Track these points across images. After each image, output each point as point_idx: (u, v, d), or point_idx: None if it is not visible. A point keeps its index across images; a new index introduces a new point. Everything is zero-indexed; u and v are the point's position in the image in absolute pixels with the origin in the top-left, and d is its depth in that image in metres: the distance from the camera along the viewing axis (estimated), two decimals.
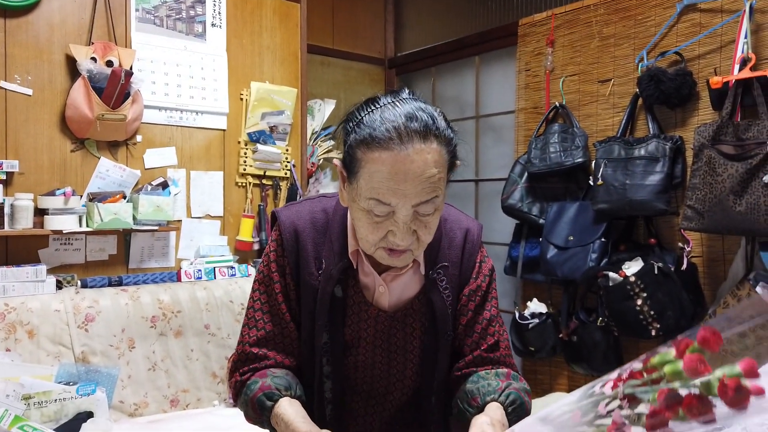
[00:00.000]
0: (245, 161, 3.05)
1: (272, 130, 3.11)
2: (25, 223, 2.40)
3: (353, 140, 0.99)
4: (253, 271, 2.96)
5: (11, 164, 2.44)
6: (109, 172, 2.68)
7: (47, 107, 2.55)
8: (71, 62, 2.56)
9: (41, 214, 2.47)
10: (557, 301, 2.96)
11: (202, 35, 2.95)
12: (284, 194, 3.17)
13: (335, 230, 1.14)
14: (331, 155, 3.60)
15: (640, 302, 2.45)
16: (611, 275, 2.54)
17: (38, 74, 2.53)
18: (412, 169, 0.94)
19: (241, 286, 2.78)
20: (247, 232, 3.02)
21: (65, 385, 2.20)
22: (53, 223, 2.45)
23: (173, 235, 2.86)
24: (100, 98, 2.50)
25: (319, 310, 1.12)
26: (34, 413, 2.08)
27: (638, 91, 2.60)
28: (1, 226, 2.37)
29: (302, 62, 3.27)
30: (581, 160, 2.78)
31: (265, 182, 3.12)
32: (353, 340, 1.16)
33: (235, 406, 1.18)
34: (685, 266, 2.47)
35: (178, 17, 2.88)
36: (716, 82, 2.28)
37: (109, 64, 2.56)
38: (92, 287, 2.55)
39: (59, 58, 2.57)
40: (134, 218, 2.63)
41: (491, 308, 1.19)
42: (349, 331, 1.15)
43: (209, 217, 2.98)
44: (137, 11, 2.76)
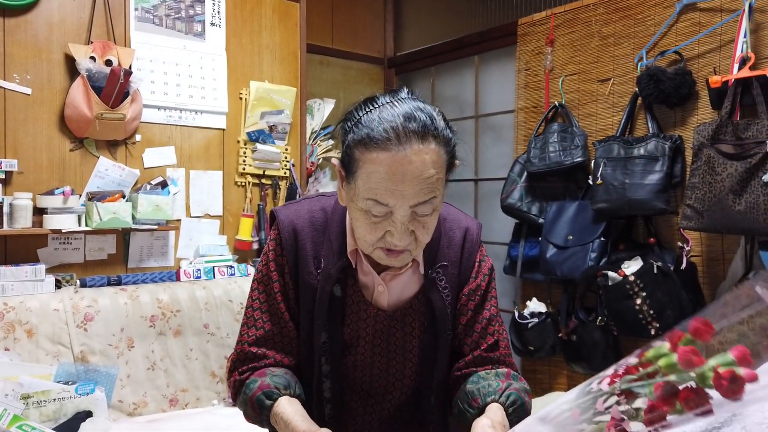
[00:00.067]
0: (244, 161, 3.05)
1: (271, 129, 3.10)
2: (24, 222, 2.40)
3: (351, 140, 0.98)
4: (252, 270, 2.96)
5: (10, 163, 2.44)
6: (108, 171, 2.68)
7: (46, 106, 2.55)
8: (70, 61, 2.55)
9: (40, 213, 2.47)
10: (556, 300, 2.96)
11: (201, 34, 2.95)
12: (283, 194, 3.17)
13: (334, 229, 1.14)
14: (330, 155, 3.59)
15: (639, 301, 2.44)
16: (610, 274, 2.54)
17: (37, 73, 2.52)
18: (410, 170, 0.93)
19: (240, 285, 2.78)
20: (246, 231, 3.02)
21: (64, 384, 2.20)
22: (52, 222, 2.45)
23: (172, 234, 2.86)
24: (99, 97, 2.50)
25: (317, 309, 1.12)
26: (32, 412, 2.08)
27: (638, 90, 2.60)
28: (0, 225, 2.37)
29: (301, 61, 3.27)
30: (580, 159, 2.78)
31: (264, 182, 3.12)
32: (352, 339, 1.16)
33: (234, 405, 1.18)
34: (684, 265, 2.47)
35: (177, 16, 2.88)
36: (715, 81, 2.27)
37: (108, 63, 2.56)
38: (91, 286, 2.55)
39: (58, 57, 2.56)
40: (133, 217, 2.63)
41: (491, 307, 1.19)
42: (347, 330, 1.15)
43: (208, 216, 2.97)
44: (136, 10, 2.76)
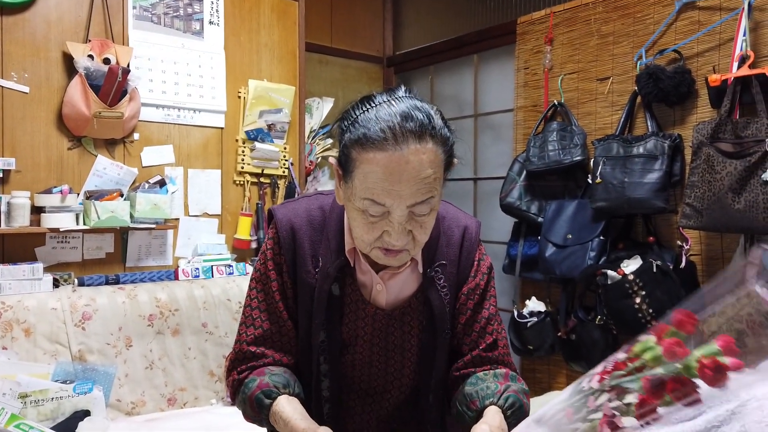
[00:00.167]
0: (243, 159, 3.04)
1: (270, 128, 3.10)
2: (21, 221, 2.40)
3: (348, 139, 0.98)
4: (250, 269, 2.95)
5: (8, 162, 2.44)
6: (106, 170, 2.67)
7: (44, 105, 2.54)
8: (68, 60, 2.55)
9: (38, 212, 2.47)
10: (556, 299, 2.96)
11: (199, 33, 2.94)
12: (282, 192, 3.17)
13: (332, 228, 1.13)
14: (329, 154, 3.59)
15: (638, 300, 2.44)
16: (610, 273, 2.54)
17: (35, 72, 2.52)
18: (407, 170, 0.93)
19: (238, 284, 2.77)
20: (244, 230, 3.01)
21: (62, 383, 2.19)
22: (50, 221, 2.45)
23: (171, 233, 2.86)
24: (97, 96, 2.49)
25: (316, 308, 1.12)
26: (30, 412, 2.07)
27: (637, 89, 2.60)
28: None
29: (300, 60, 3.27)
30: (580, 158, 2.77)
31: (263, 180, 3.11)
32: (350, 338, 1.15)
33: (232, 404, 1.18)
34: (683, 264, 2.47)
35: (175, 15, 2.87)
36: (715, 79, 2.27)
37: (106, 61, 2.55)
38: (89, 285, 2.54)
39: (56, 55, 2.56)
40: (131, 216, 2.62)
41: (490, 307, 1.18)
42: (346, 329, 1.15)
43: (207, 215, 2.97)
44: (134, 9, 2.75)
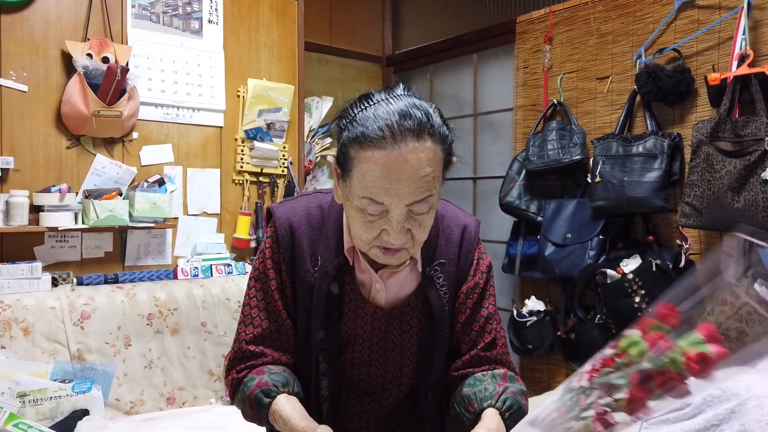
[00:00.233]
0: (242, 158, 3.04)
1: (269, 127, 3.09)
2: (20, 220, 2.39)
3: (346, 138, 0.97)
4: (250, 268, 2.94)
5: (6, 161, 2.43)
6: (105, 169, 2.67)
7: (43, 104, 2.53)
8: (67, 58, 2.54)
9: (37, 211, 2.46)
10: (555, 298, 2.96)
11: (198, 32, 2.93)
12: (281, 191, 3.16)
13: (331, 227, 1.13)
14: (328, 153, 3.59)
15: (638, 299, 2.44)
16: (609, 272, 2.54)
17: (34, 70, 2.51)
18: (405, 168, 0.92)
19: (238, 283, 2.77)
20: (244, 229, 3.01)
21: (61, 382, 2.19)
22: (49, 220, 2.44)
23: (170, 232, 2.85)
24: (95, 95, 2.49)
25: (315, 307, 1.11)
26: (29, 411, 2.07)
27: (636, 88, 2.60)
28: None
29: (299, 59, 3.26)
30: (579, 157, 2.77)
31: (262, 179, 3.11)
32: (349, 337, 1.15)
33: (231, 403, 1.17)
34: (683, 263, 2.47)
35: (174, 13, 2.87)
36: (714, 78, 2.27)
37: (105, 60, 2.55)
38: (88, 284, 2.54)
39: (55, 54, 2.55)
40: (130, 215, 2.62)
41: (489, 306, 1.18)
42: (345, 328, 1.14)
43: (206, 214, 2.96)
44: (133, 7, 2.75)
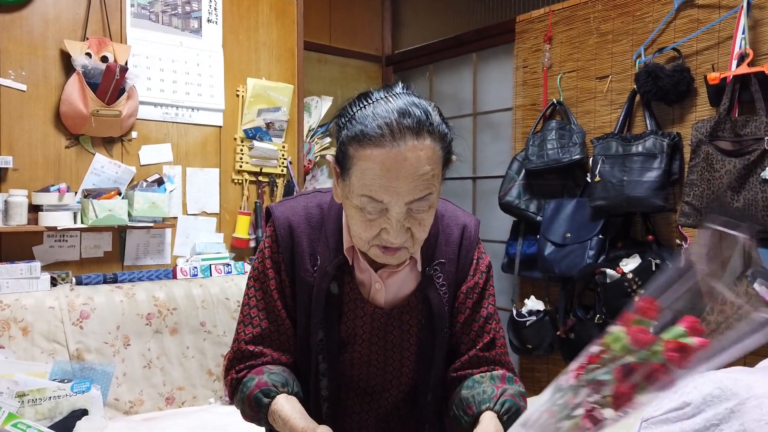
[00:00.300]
0: (241, 158, 3.04)
1: (268, 126, 3.09)
2: (19, 219, 2.39)
3: (345, 136, 0.97)
4: (249, 268, 2.94)
5: (5, 160, 2.43)
6: (104, 168, 2.67)
7: (41, 103, 2.53)
8: (66, 58, 2.54)
9: (35, 210, 2.46)
10: (554, 298, 2.96)
11: (197, 31, 2.93)
12: (281, 191, 3.16)
13: (330, 226, 1.13)
14: (327, 152, 3.58)
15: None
16: (609, 272, 2.54)
17: (32, 70, 2.51)
18: (404, 166, 0.92)
19: (237, 283, 2.77)
20: (243, 229, 3.01)
21: (60, 382, 2.19)
22: (48, 219, 2.44)
23: (169, 232, 2.85)
24: (94, 94, 2.49)
25: (314, 306, 1.11)
26: (28, 411, 2.07)
27: (636, 87, 2.60)
28: None
29: (299, 59, 3.26)
30: (579, 156, 2.77)
31: (261, 179, 3.11)
32: (349, 337, 1.15)
33: (231, 403, 1.17)
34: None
35: (173, 13, 2.86)
36: (714, 78, 2.27)
37: (104, 59, 2.54)
38: (87, 284, 2.54)
39: (54, 53, 2.55)
40: (129, 215, 2.61)
41: (488, 306, 1.18)
42: (344, 328, 1.14)
43: (205, 214, 2.96)
44: (132, 7, 2.74)
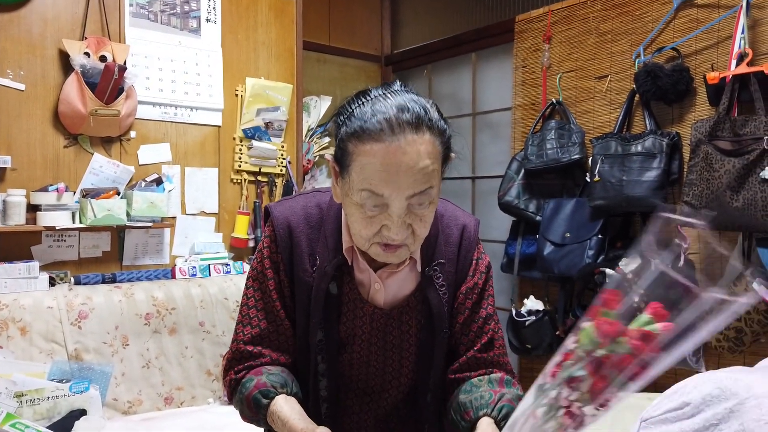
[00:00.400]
0: (240, 158, 3.03)
1: (267, 126, 3.09)
2: (17, 219, 2.38)
3: (344, 133, 0.97)
4: (248, 268, 2.94)
5: (3, 160, 2.42)
6: (102, 168, 2.66)
7: (40, 102, 2.53)
8: (64, 57, 2.53)
9: (34, 210, 2.45)
10: (554, 298, 2.95)
11: (196, 30, 2.93)
12: (280, 191, 3.16)
13: (329, 226, 1.12)
14: (326, 152, 3.58)
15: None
16: (608, 272, 2.54)
17: (31, 69, 2.50)
18: (404, 160, 0.92)
19: (236, 283, 2.77)
20: (242, 228, 3.00)
21: (58, 382, 2.18)
22: (46, 219, 2.43)
23: (167, 231, 2.85)
24: (93, 93, 2.48)
25: (313, 307, 1.11)
26: (26, 411, 2.06)
27: (635, 87, 2.60)
28: None
29: (298, 58, 3.25)
30: (578, 156, 2.77)
31: (260, 179, 3.10)
32: (348, 337, 1.14)
33: (229, 404, 1.17)
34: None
35: (172, 12, 2.86)
36: (713, 77, 2.27)
37: (102, 59, 2.54)
38: (85, 284, 2.53)
39: (52, 53, 2.54)
40: (128, 215, 2.61)
41: (488, 306, 1.17)
42: (344, 328, 1.14)
43: (204, 213, 2.96)
44: (131, 6, 2.74)
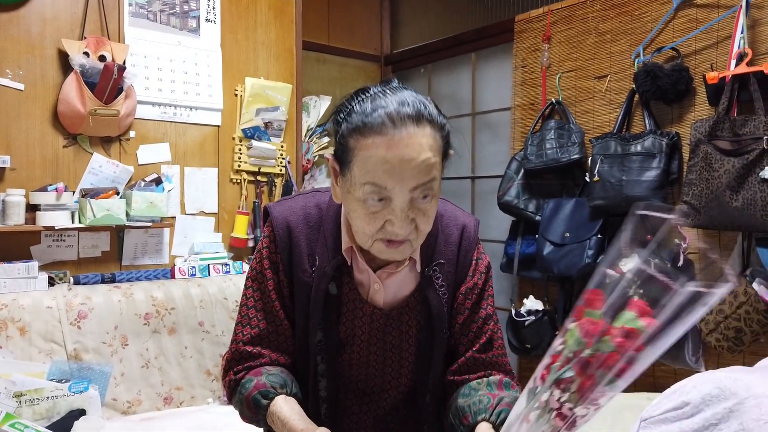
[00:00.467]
0: (240, 157, 3.03)
1: (267, 126, 3.09)
2: (16, 219, 2.38)
3: (345, 129, 0.97)
4: (247, 268, 2.94)
5: (2, 160, 2.42)
6: (101, 167, 2.66)
7: (39, 102, 2.52)
8: (63, 57, 2.53)
9: (33, 210, 2.45)
10: (553, 298, 2.95)
11: (196, 30, 2.92)
12: (279, 191, 3.16)
13: (329, 226, 1.12)
14: (326, 152, 3.58)
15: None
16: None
17: (30, 69, 2.50)
18: (407, 152, 0.92)
19: (235, 283, 2.77)
20: (241, 228, 3.00)
21: (57, 382, 2.18)
22: (45, 219, 2.43)
23: (167, 231, 2.84)
24: (92, 93, 2.48)
25: (312, 307, 1.11)
26: (25, 411, 2.06)
27: (635, 87, 2.60)
28: None
29: (297, 58, 3.25)
30: (577, 156, 2.77)
31: (260, 179, 3.10)
32: (348, 337, 1.14)
33: (229, 404, 1.17)
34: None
35: (171, 12, 2.86)
36: (713, 77, 2.27)
37: (101, 58, 2.54)
38: (85, 284, 2.53)
39: (51, 52, 2.54)
40: (127, 215, 2.61)
41: (487, 306, 1.17)
42: (343, 328, 1.14)
43: (203, 213, 2.96)
44: (130, 6, 2.74)
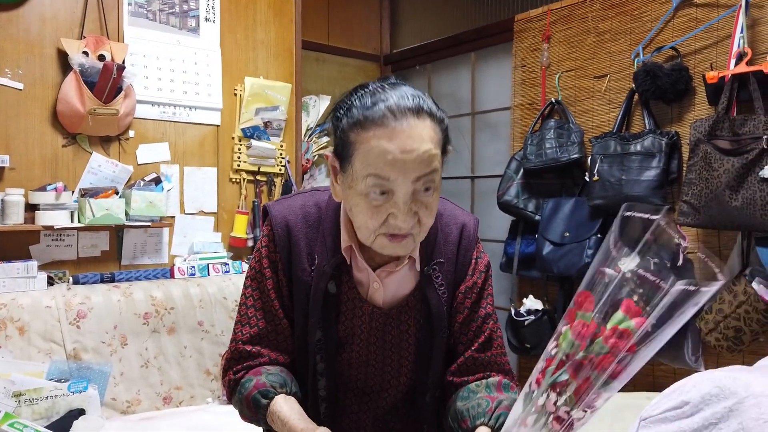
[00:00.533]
0: (239, 157, 3.03)
1: (266, 125, 3.08)
2: (16, 218, 2.38)
3: (345, 124, 0.97)
4: (247, 267, 2.94)
5: (2, 159, 2.42)
6: (101, 167, 2.66)
7: (38, 102, 2.52)
8: (63, 56, 2.53)
9: (32, 209, 2.45)
10: (553, 297, 2.95)
11: (195, 30, 2.92)
12: (279, 190, 3.15)
13: (328, 225, 1.12)
14: (325, 151, 3.58)
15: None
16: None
17: (29, 68, 2.50)
18: (408, 143, 0.93)
19: (234, 282, 2.76)
20: (241, 228, 3.00)
21: (57, 382, 2.18)
22: (44, 218, 2.43)
23: (166, 231, 2.84)
24: (91, 93, 2.48)
25: (312, 306, 1.11)
26: (25, 410, 2.06)
27: (634, 86, 2.59)
28: None
29: (297, 58, 3.25)
30: (577, 156, 2.77)
31: (259, 178, 3.10)
32: (347, 337, 1.14)
33: (229, 403, 1.17)
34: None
35: (171, 11, 2.85)
36: (712, 76, 2.27)
37: (101, 58, 2.54)
38: (84, 284, 2.53)
39: (50, 52, 2.54)
40: (126, 214, 2.60)
41: (487, 306, 1.17)
42: (342, 327, 1.14)
43: (203, 213, 2.95)
44: (130, 5, 2.73)
